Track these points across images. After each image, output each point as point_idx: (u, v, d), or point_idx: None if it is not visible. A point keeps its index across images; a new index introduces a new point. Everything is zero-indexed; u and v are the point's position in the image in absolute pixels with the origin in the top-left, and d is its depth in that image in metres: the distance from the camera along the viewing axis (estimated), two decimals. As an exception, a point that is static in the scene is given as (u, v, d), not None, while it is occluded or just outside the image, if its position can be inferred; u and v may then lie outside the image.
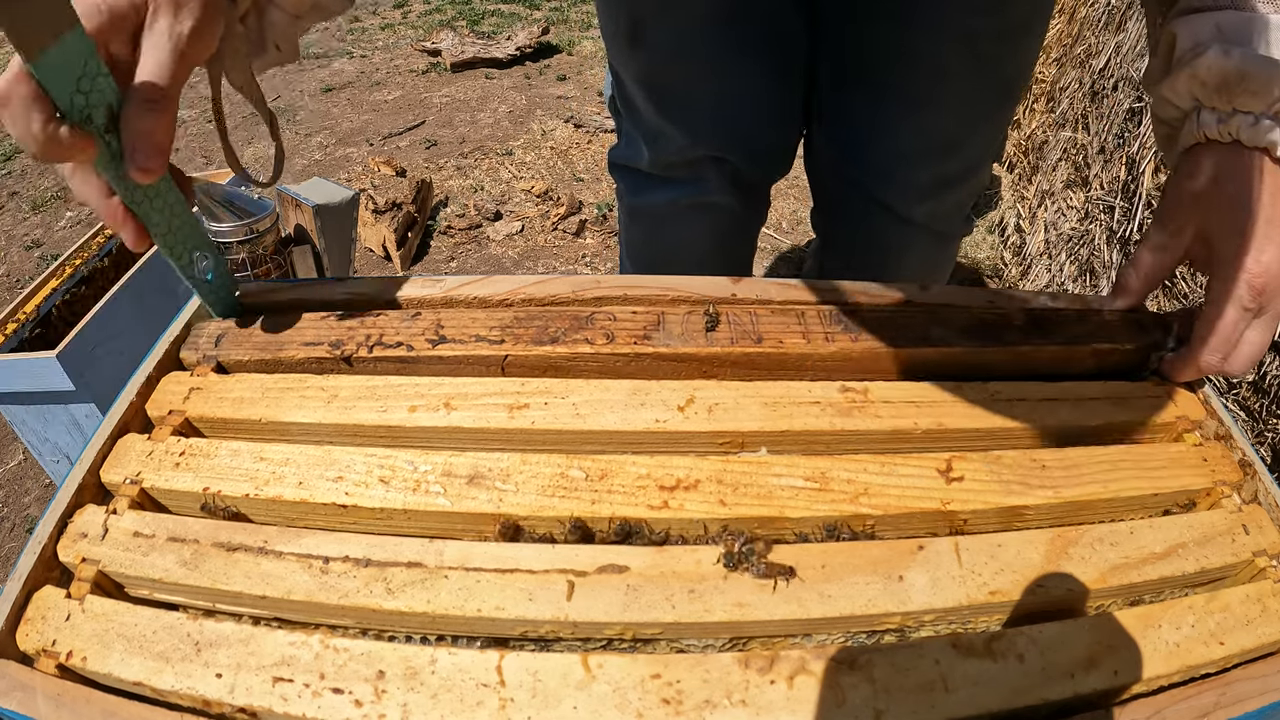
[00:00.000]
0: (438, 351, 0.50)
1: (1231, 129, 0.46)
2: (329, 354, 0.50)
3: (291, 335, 0.51)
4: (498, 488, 0.43)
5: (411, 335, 0.51)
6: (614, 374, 0.51)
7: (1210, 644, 0.38)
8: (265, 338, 0.52)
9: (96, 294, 1.26)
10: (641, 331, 0.51)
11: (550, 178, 2.43)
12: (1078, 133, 1.71)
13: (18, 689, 0.36)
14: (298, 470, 0.44)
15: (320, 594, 0.39)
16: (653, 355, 0.51)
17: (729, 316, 0.53)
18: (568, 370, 0.51)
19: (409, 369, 0.51)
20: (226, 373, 0.51)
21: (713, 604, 0.38)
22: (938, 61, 0.75)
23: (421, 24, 3.85)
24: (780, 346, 0.51)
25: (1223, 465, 0.47)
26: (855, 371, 0.52)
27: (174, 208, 0.45)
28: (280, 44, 0.50)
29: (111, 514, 0.43)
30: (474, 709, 0.34)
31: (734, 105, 0.86)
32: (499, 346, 0.50)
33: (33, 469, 1.57)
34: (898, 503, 0.43)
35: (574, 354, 0.50)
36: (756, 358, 0.51)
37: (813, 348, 0.51)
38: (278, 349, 0.51)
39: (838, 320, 0.53)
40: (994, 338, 0.52)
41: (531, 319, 0.52)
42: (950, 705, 0.35)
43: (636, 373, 0.51)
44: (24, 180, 2.74)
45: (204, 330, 0.53)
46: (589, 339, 0.51)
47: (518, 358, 0.50)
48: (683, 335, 0.51)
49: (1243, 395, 1.12)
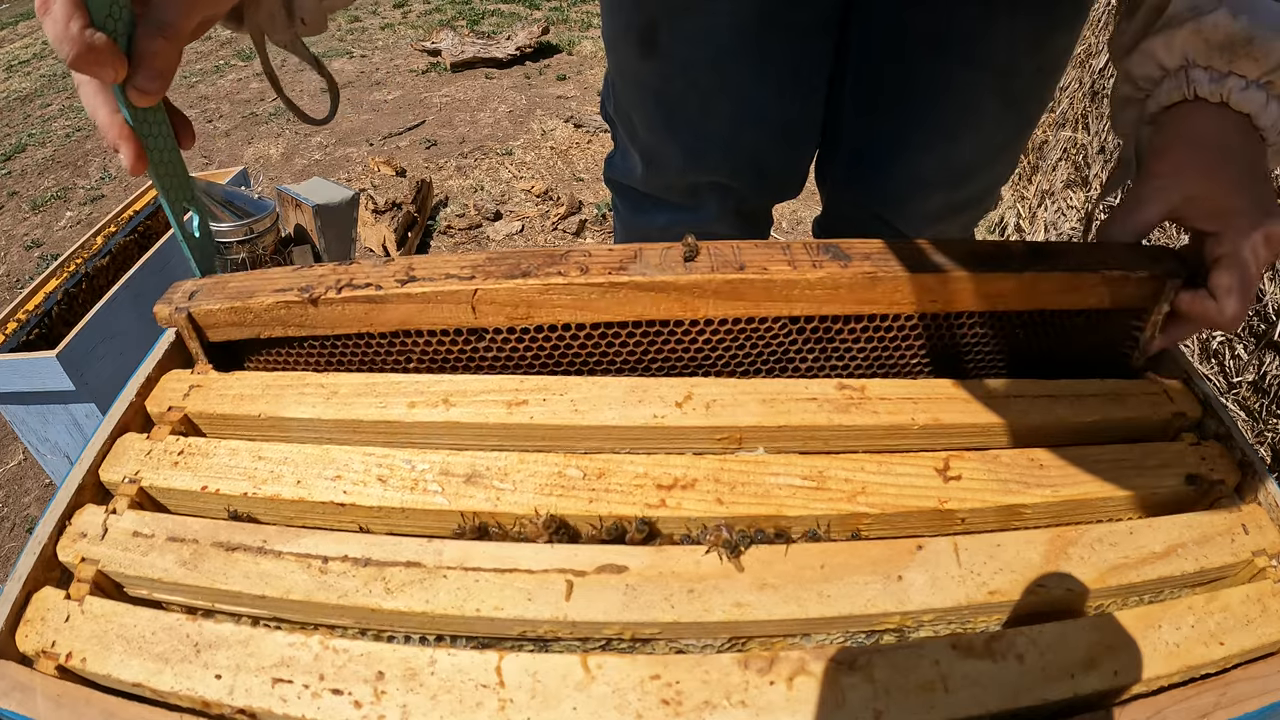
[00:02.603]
0: (407, 290, 0.48)
1: (1224, 90, 0.47)
2: (297, 298, 0.49)
3: (262, 284, 0.50)
4: (495, 486, 0.43)
5: (381, 277, 0.49)
6: (588, 309, 0.49)
7: (1210, 644, 0.38)
8: (237, 287, 0.51)
9: (96, 294, 1.26)
10: (617, 264, 0.49)
11: (550, 177, 2.43)
12: (1078, 133, 1.71)
13: (17, 690, 0.36)
14: (296, 469, 0.44)
15: (319, 594, 0.39)
16: (629, 285, 0.48)
17: (710, 249, 0.50)
18: (540, 306, 0.49)
19: (377, 311, 0.49)
20: (198, 326, 0.51)
21: (712, 604, 0.38)
22: (971, 97, 0.75)
23: (421, 24, 3.85)
24: (765, 273, 0.48)
25: (1222, 465, 0.47)
26: (847, 303, 0.49)
27: (167, 141, 0.47)
28: (305, 18, 0.53)
29: (111, 514, 0.43)
30: (474, 710, 0.34)
31: (751, 121, 0.81)
32: (469, 282, 0.48)
33: (33, 469, 1.57)
34: (895, 501, 0.43)
35: (546, 285, 0.48)
36: (740, 285, 0.48)
37: (799, 274, 0.48)
38: (248, 296, 0.50)
39: (826, 250, 0.50)
40: (998, 265, 0.49)
41: (504, 258, 0.50)
42: (950, 705, 0.35)
43: (611, 308, 0.49)
44: (24, 180, 2.74)
45: (179, 287, 0.52)
46: (562, 271, 0.48)
47: (488, 293, 0.48)
48: (660, 266, 0.48)
49: (1243, 395, 1.12)
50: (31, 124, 3.24)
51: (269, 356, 0.53)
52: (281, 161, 2.67)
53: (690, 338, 0.51)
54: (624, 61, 0.82)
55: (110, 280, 1.30)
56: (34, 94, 3.57)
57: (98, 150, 2.90)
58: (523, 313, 0.49)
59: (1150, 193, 0.50)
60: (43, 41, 4.33)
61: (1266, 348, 1.23)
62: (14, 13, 5.05)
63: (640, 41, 0.77)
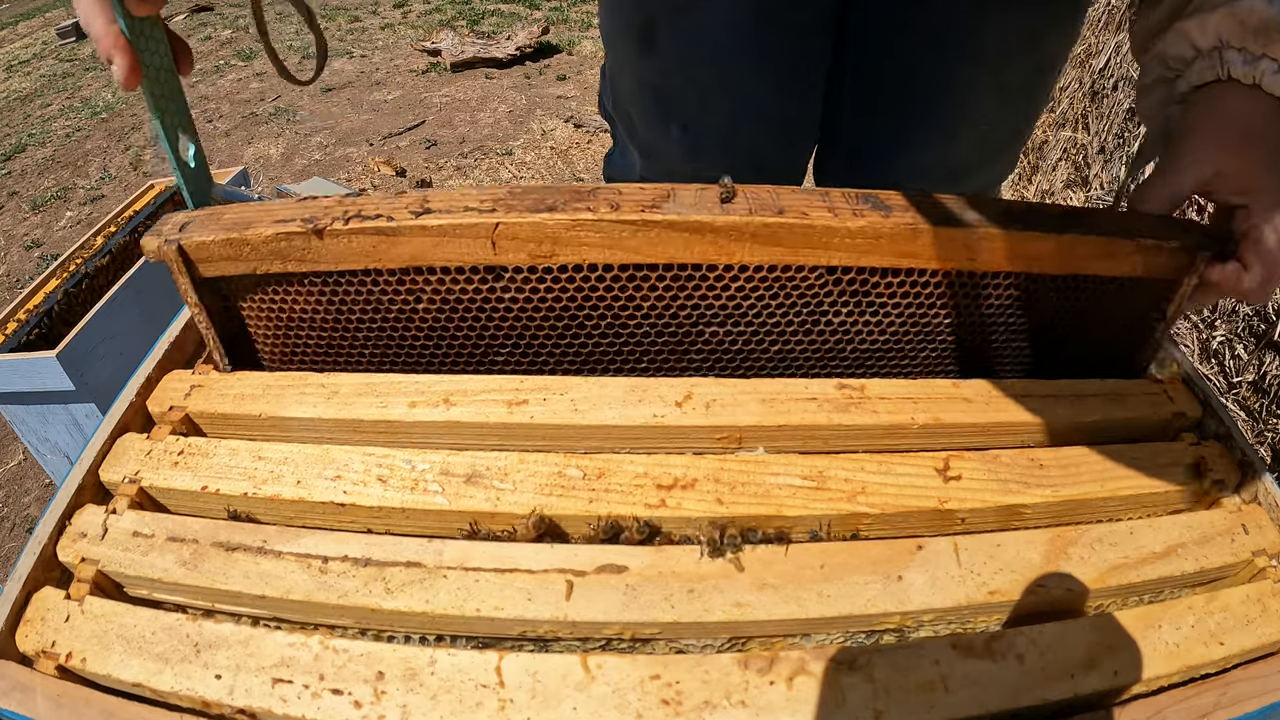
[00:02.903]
0: (421, 222, 0.45)
1: (1257, 73, 0.48)
2: (300, 229, 0.45)
3: (261, 215, 0.47)
4: (495, 486, 0.43)
5: (393, 209, 0.46)
6: (617, 248, 0.46)
7: (1210, 644, 0.38)
8: (234, 219, 0.47)
9: (96, 294, 1.26)
10: (650, 202, 0.46)
11: (550, 177, 2.43)
12: (1078, 133, 1.71)
13: (17, 690, 0.36)
14: (296, 469, 0.44)
15: (319, 594, 0.39)
16: (662, 224, 0.45)
17: (746, 192, 0.48)
18: (566, 243, 0.46)
19: (387, 245, 0.46)
20: (189, 259, 0.48)
21: (711, 604, 0.38)
22: (970, 95, 0.75)
23: (421, 24, 3.85)
24: (805, 218, 0.46)
25: (1222, 465, 0.47)
26: (887, 254, 0.47)
27: (164, 61, 0.46)
28: None
29: (111, 514, 0.43)
30: (473, 710, 0.34)
31: (750, 117, 0.82)
32: (489, 215, 0.45)
33: (33, 469, 1.57)
34: (895, 501, 0.43)
35: (574, 221, 0.45)
36: (779, 229, 0.46)
37: (840, 221, 0.46)
38: (245, 227, 0.46)
39: (866, 199, 0.48)
40: (1035, 224, 0.48)
41: (527, 193, 0.47)
42: (950, 705, 0.35)
43: (642, 248, 0.46)
44: (24, 180, 2.75)
45: (170, 219, 0.48)
46: (591, 208, 0.45)
47: (510, 227, 0.45)
48: (696, 206, 0.46)
49: (1243, 395, 1.12)
50: (31, 124, 3.24)
51: (263, 297, 0.50)
52: (281, 161, 2.67)
53: (723, 284, 0.49)
54: (623, 59, 0.83)
55: (110, 280, 1.30)
56: (34, 94, 3.57)
57: (98, 150, 2.90)
58: (547, 250, 0.46)
59: (1182, 165, 0.50)
60: (43, 41, 4.33)
61: (1266, 348, 1.23)
62: (14, 13, 5.05)
63: (639, 39, 0.78)
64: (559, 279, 0.48)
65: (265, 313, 0.50)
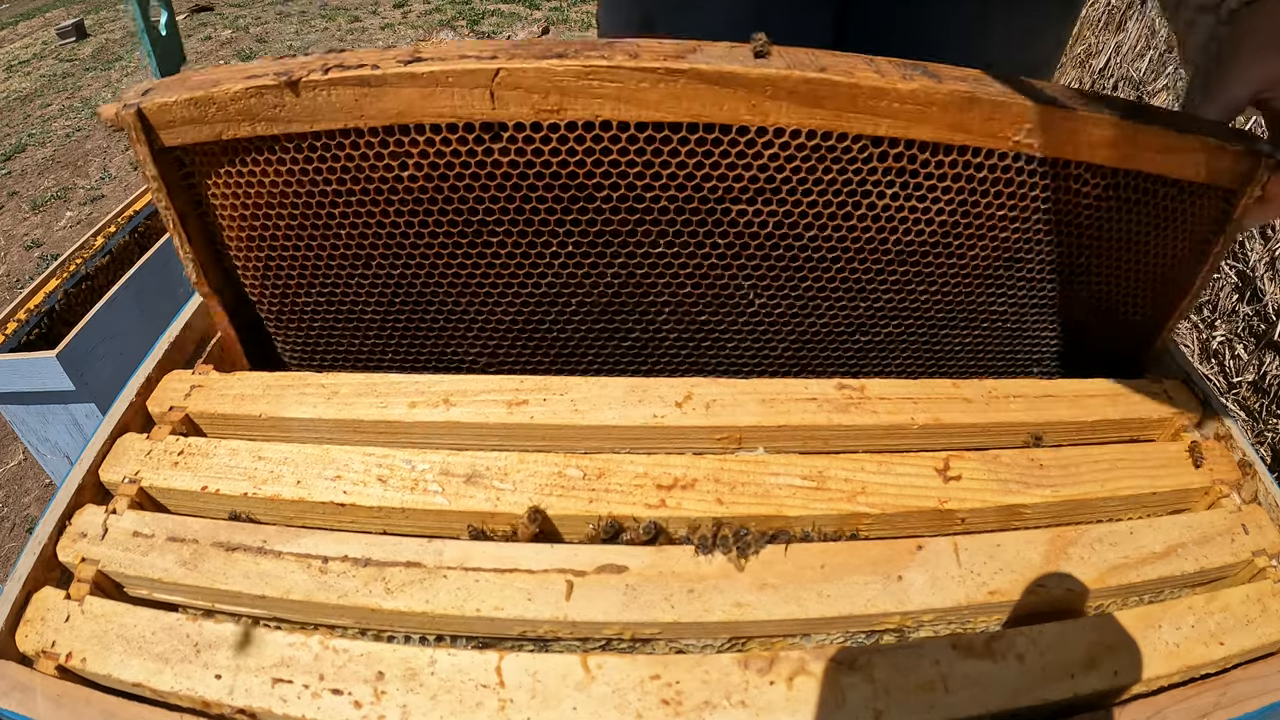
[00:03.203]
0: (410, 69, 0.40)
1: None
2: (273, 81, 0.41)
3: (232, 73, 0.43)
4: (495, 486, 0.43)
5: (381, 58, 0.42)
6: (634, 102, 0.41)
7: (1210, 644, 0.38)
8: (201, 79, 0.43)
9: (96, 294, 1.26)
10: (674, 53, 0.41)
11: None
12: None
13: (17, 689, 0.36)
14: (295, 469, 0.44)
15: (319, 593, 0.39)
16: (689, 73, 0.40)
17: (781, 50, 0.43)
18: (575, 94, 0.41)
19: (370, 98, 0.41)
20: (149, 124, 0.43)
21: (711, 604, 0.38)
22: None
23: (421, 24, 3.85)
24: (851, 77, 0.41)
25: (1222, 465, 0.47)
26: (939, 126, 0.43)
27: None
28: None
29: (111, 514, 0.43)
30: (473, 710, 0.34)
31: None
32: (489, 62, 0.40)
33: (33, 469, 1.57)
34: (895, 501, 0.43)
35: (587, 68, 0.40)
36: (821, 87, 0.41)
37: (889, 83, 0.41)
38: (212, 85, 0.42)
39: (915, 67, 0.43)
40: (1098, 107, 0.44)
41: (533, 43, 0.42)
42: (950, 705, 0.35)
43: (663, 103, 0.41)
44: (24, 180, 2.75)
45: (134, 88, 0.45)
46: (606, 55, 0.40)
47: (513, 74, 0.40)
48: (726, 58, 0.41)
49: (1243, 395, 1.12)
50: (31, 124, 3.24)
51: (230, 171, 0.45)
52: (281, 161, 2.66)
53: (755, 151, 0.43)
54: None
55: (110, 280, 1.30)
56: (34, 94, 3.57)
57: (98, 150, 2.90)
58: (553, 103, 0.41)
59: (1237, 73, 0.49)
60: (43, 41, 4.33)
61: (1266, 348, 1.23)
62: (14, 13, 5.06)
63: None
64: (566, 138, 0.42)
65: (232, 194, 0.46)
